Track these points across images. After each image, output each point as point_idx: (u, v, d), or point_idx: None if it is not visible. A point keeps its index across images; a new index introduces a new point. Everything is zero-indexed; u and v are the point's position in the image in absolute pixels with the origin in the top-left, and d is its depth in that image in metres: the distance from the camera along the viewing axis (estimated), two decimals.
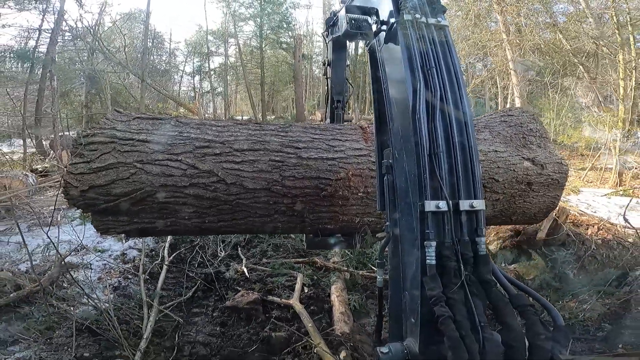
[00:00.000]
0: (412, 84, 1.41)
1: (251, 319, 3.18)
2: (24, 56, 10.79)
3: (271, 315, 3.23)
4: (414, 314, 1.26)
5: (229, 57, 26.51)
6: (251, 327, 3.10)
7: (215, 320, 3.27)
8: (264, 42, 23.73)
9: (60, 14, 12.45)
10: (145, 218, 2.39)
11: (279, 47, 24.50)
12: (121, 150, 2.29)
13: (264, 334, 2.96)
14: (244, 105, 30.67)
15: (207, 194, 2.38)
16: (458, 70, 1.48)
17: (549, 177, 3.05)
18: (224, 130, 2.56)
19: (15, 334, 2.83)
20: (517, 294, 1.28)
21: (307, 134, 2.70)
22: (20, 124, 11.18)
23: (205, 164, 2.38)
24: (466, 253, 1.26)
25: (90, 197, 2.25)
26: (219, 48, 26.42)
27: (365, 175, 2.60)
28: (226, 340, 3.02)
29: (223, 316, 3.29)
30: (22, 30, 12.67)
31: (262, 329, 3.05)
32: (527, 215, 3.16)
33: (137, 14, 22.56)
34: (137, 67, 15.79)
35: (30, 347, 2.74)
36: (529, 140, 3.10)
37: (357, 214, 2.66)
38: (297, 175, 2.50)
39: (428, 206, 1.27)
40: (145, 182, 2.28)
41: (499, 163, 2.90)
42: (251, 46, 25.59)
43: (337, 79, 3.39)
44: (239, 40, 24.93)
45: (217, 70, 26.89)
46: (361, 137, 2.78)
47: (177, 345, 2.89)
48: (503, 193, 2.93)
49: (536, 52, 10.50)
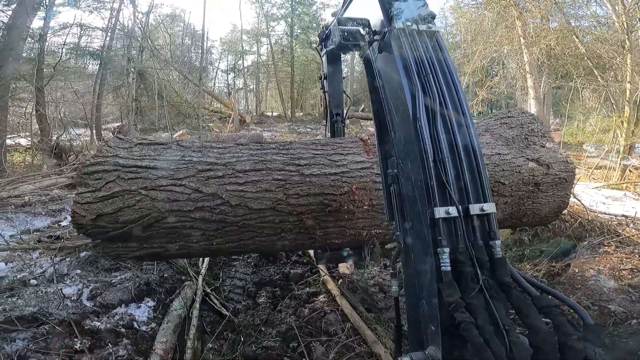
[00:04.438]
0: (410, 90, 1.43)
1: (276, 261, 4.27)
2: (96, 55, 12.44)
3: (292, 260, 4.31)
4: (434, 321, 1.24)
5: (261, 56, 27.87)
6: (276, 266, 4.18)
7: (250, 263, 4.38)
8: (294, 41, 24.85)
9: (117, 15, 14.10)
10: (154, 243, 2.42)
11: (308, 46, 25.56)
12: (125, 178, 2.32)
13: (285, 270, 4.04)
14: (274, 102, 31.90)
15: (213, 216, 2.40)
16: (454, 74, 1.49)
17: (556, 176, 3.02)
18: (225, 152, 2.60)
19: (117, 263, 3.74)
20: (539, 295, 1.26)
21: (308, 151, 2.72)
22: (81, 114, 12.89)
23: (209, 187, 2.40)
24: (481, 257, 1.25)
25: (99, 225, 2.28)
26: (252, 47, 27.86)
27: (369, 187, 2.62)
28: (257, 275, 4.11)
29: (255, 260, 4.39)
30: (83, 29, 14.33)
31: (285, 267, 4.12)
32: (538, 217, 3.15)
33: (180, 14, 24.27)
34: (180, 64, 17.30)
35: (128, 271, 3.55)
36: (532, 141, 3.09)
37: (364, 227, 2.68)
38: (301, 192, 2.51)
39: (438, 213, 1.26)
40: (152, 208, 2.30)
41: (503, 166, 2.91)
42: (282, 45, 26.79)
43: (334, 92, 3.37)
44: (271, 40, 26.20)
45: (249, 68, 28.30)
46: (362, 149, 2.81)
47: (221, 278, 4.02)
48: (511, 196, 2.93)
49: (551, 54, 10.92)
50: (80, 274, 3.48)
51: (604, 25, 10.44)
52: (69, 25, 12.63)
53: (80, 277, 3.42)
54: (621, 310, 2.96)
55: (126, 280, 3.31)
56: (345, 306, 3.23)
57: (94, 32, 14.18)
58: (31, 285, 3.20)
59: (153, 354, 2.56)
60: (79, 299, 3.11)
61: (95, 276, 3.43)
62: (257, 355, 2.79)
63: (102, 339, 2.68)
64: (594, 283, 3.47)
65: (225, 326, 3.14)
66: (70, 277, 3.36)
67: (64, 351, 2.48)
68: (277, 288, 3.72)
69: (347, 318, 3.12)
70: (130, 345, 2.70)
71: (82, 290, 3.20)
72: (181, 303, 3.15)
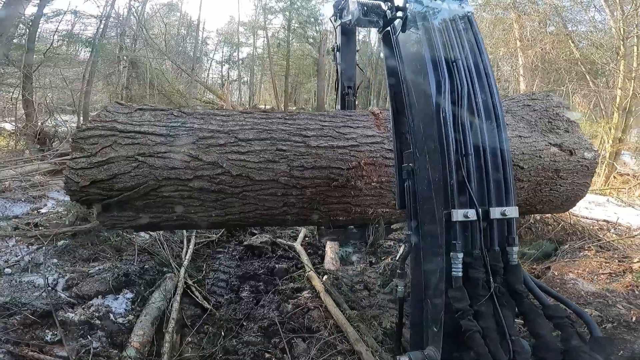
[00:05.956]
0: (435, 76, 1.29)
1: (262, 255, 4.21)
2: (87, 42, 12.19)
3: (277, 254, 4.25)
4: (436, 323, 1.21)
5: (257, 48, 27.65)
6: (261, 260, 4.12)
7: (235, 256, 4.32)
8: (291, 35, 24.68)
9: (112, 3, 13.82)
10: (151, 213, 2.32)
11: (305, 41, 25.42)
12: (122, 144, 2.20)
13: (270, 265, 3.98)
14: (268, 95, 31.74)
15: (212, 186, 2.29)
16: (487, 63, 1.34)
17: (578, 163, 2.86)
18: (228, 120, 2.47)
19: (96, 253, 3.72)
20: (551, 305, 1.22)
21: (315, 122, 2.59)
22: (69, 101, 12.63)
23: (209, 155, 2.28)
24: (496, 264, 1.19)
25: (93, 192, 2.17)
26: (248, 39, 27.63)
27: (379, 163, 2.49)
28: (242, 268, 4.04)
29: (240, 253, 4.33)
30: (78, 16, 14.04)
31: (270, 262, 4.06)
32: (554, 204, 3.03)
33: (177, 3, 23.92)
34: (174, 54, 17.05)
35: (107, 262, 3.51)
36: (556, 125, 2.88)
37: (371, 204, 2.56)
38: (306, 165, 2.39)
39: (455, 216, 1.18)
40: (149, 175, 2.19)
41: (523, 149, 2.74)
42: (279, 39, 26.61)
43: (347, 64, 3.32)
44: (268, 33, 25.98)
45: (245, 60, 28.07)
46: (373, 123, 2.66)
47: (204, 270, 3.94)
48: (528, 181, 2.79)
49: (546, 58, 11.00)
50: (56, 263, 3.38)
51: (600, 31, 10.53)
52: (62, 12, 12.35)
53: (56, 266, 3.32)
54: (597, 314, 2.96)
55: (104, 271, 3.22)
56: (329, 303, 3.19)
57: (88, 19, 13.94)
58: (5, 274, 3.09)
59: (129, 347, 2.48)
60: (54, 289, 3.02)
61: (73, 266, 3.34)
62: (238, 350, 2.74)
63: (76, 330, 2.60)
64: (572, 286, 3.46)
65: (206, 320, 3.08)
66: (47, 267, 3.26)
67: (35, 342, 2.40)
68: (261, 282, 3.66)
69: (331, 315, 3.09)
70: (105, 337, 2.61)
71: (57, 280, 3.10)
72: (161, 295, 3.07)
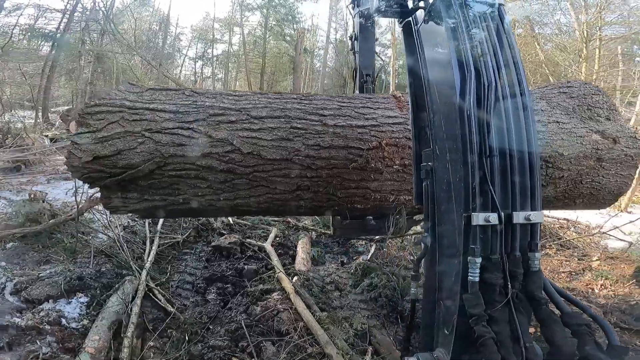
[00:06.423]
0: (460, 74, 1.22)
1: (230, 256, 4.06)
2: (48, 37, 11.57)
3: (247, 255, 4.11)
4: (448, 325, 1.18)
5: (232, 45, 27.18)
6: (230, 261, 3.98)
7: (202, 258, 4.14)
8: (268, 33, 24.39)
9: None
10: (156, 195, 2.20)
11: (282, 39, 25.22)
12: (129, 119, 2.11)
13: (239, 266, 3.84)
14: None
15: (221, 165, 2.15)
16: (518, 58, 1.26)
17: (622, 152, 2.67)
18: (240, 99, 2.35)
19: (48, 255, 3.55)
20: (570, 312, 1.19)
21: (332, 102, 2.44)
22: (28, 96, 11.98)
23: (219, 132, 2.17)
24: (515, 269, 1.14)
25: (95, 169, 2.06)
26: (223, 36, 27.11)
27: (402, 144, 2.31)
28: (209, 270, 3.88)
29: (208, 254, 4.16)
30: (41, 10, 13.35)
31: (238, 263, 3.92)
32: (595, 198, 2.79)
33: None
34: (144, 50, 16.48)
35: (59, 265, 3.34)
36: (596, 112, 2.71)
37: (392, 190, 2.36)
38: (322, 144, 2.23)
39: (476, 219, 1.11)
40: (154, 152, 2.09)
41: (562, 135, 2.57)
42: (255, 36, 26.27)
43: (365, 52, 3.32)
44: (244, 30, 25.59)
45: (219, 57, 27.54)
46: (395, 105, 2.50)
47: (169, 272, 3.75)
48: (568, 170, 2.57)
49: None
50: (4, 266, 3.13)
51: (565, 34, 10.97)
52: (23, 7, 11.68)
53: (4, 270, 3.08)
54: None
55: (56, 274, 3.02)
56: (299, 305, 3.09)
57: (52, 13, 13.26)
58: None
59: (83, 352, 2.32)
60: (1, 294, 2.79)
61: (22, 269, 3.10)
62: (203, 354, 2.60)
63: (23, 336, 2.41)
64: None
65: (169, 323, 2.92)
66: None
67: None
68: (229, 284, 3.52)
69: (301, 317, 2.99)
70: (56, 342, 2.45)
71: (5, 284, 2.88)
72: (120, 299, 2.88)
